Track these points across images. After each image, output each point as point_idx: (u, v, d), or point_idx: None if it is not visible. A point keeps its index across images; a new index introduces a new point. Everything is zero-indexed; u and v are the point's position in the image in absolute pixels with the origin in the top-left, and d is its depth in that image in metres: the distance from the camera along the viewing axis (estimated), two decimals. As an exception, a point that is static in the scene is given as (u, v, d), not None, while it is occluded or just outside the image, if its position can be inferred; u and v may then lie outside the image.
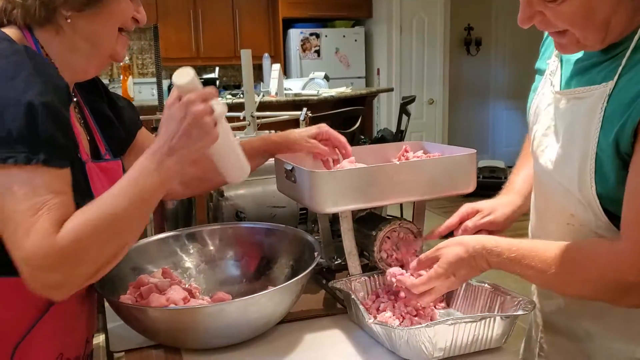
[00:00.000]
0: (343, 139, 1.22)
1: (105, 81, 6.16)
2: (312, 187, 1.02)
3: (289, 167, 1.11)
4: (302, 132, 1.21)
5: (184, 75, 0.85)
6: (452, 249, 0.96)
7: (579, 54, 0.96)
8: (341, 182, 1.02)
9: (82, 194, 0.86)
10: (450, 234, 1.12)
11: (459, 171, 1.09)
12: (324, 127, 1.22)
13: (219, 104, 0.88)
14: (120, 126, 1.09)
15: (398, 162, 1.09)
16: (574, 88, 0.93)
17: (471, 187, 1.10)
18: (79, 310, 0.97)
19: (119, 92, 3.99)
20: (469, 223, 1.12)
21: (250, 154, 1.09)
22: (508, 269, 0.93)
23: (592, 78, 0.91)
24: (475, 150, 1.10)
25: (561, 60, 1.01)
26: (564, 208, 0.96)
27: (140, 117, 1.20)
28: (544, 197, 1.03)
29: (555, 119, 0.97)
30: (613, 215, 0.88)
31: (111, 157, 1.03)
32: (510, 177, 1.22)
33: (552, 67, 1.02)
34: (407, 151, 1.23)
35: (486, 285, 1.04)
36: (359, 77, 6.60)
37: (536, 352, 1.11)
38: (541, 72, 1.07)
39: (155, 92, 6.40)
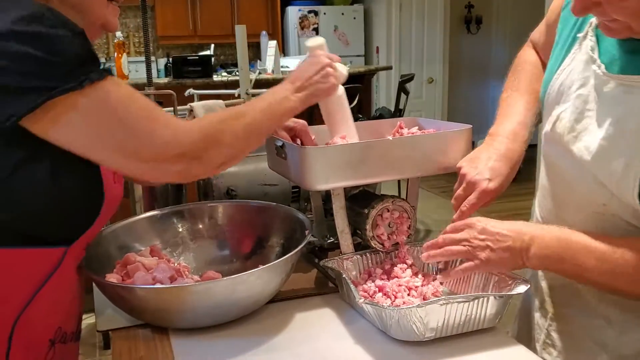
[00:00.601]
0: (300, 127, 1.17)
1: (102, 59, 6.11)
2: (303, 163, 1.00)
3: (279, 144, 1.08)
4: None
5: (315, 40, 1.09)
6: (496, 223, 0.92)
7: None
8: (332, 159, 1.00)
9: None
10: None
11: (453, 147, 1.06)
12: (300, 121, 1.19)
13: (342, 67, 1.08)
14: None
15: (391, 138, 1.06)
16: (630, 75, 0.85)
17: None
18: (75, 284, 0.95)
19: (114, 70, 3.95)
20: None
21: None
22: (555, 264, 0.88)
23: None
24: (471, 126, 1.07)
25: (597, 35, 0.92)
26: (593, 198, 0.90)
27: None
28: (567, 184, 0.96)
29: (597, 104, 0.88)
30: None
31: None
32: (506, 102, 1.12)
33: (589, 42, 0.92)
34: (401, 127, 1.20)
35: (480, 264, 1.02)
36: (358, 56, 6.54)
37: (540, 338, 1.07)
38: (565, 42, 0.98)
39: (152, 70, 6.34)
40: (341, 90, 1.10)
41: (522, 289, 0.92)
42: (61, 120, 0.78)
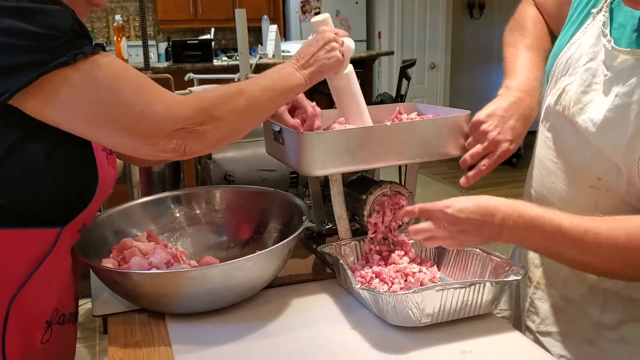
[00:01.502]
0: (311, 110, 1.10)
1: (103, 42, 6.07)
2: (300, 149, 0.99)
3: (277, 129, 1.07)
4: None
5: (321, 16, 1.07)
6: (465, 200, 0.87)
7: None
8: (330, 144, 0.99)
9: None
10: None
11: (452, 133, 1.05)
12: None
13: (349, 41, 1.05)
14: None
15: (389, 124, 1.05)
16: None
17: (465, 150, 1.06)
18: (70, 265, 0.95)
19: (113, 54, 3.92)
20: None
21: None
22: (527, 240, 0.85)
23: None
24: (470, 112, 1.06)
25: (611, 11, 0.92)
26: (589, 170, 0.91)
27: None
28: (564, 157, 0.96)
29: (605, 78, 0.89)
30: None
31: None
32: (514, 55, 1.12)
33: (602, 17, 0.92)
34: (400, 113, 1.19)
35: (477, 250, 1.02)
36: (360, 41, 6.48)
37: (525, 306, 1.09)
38: (579, 15, 0.98)
39: (152, 54, 6.30)
40: (349, 68, 1.07)
41: (518, 274, 0.92)
42: (56, 97, 0.77)
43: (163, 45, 6.06)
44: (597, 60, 0.91)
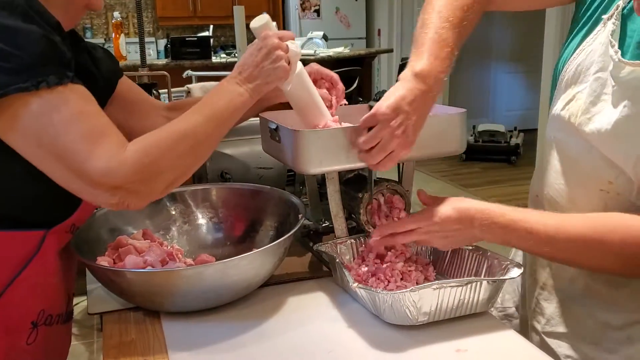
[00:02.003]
0: (335, 75, 1.15)
1: (101, 40, 6.07)
2: (296, 147, 0.98)
3: (273, 126, 1.07)
4: None
5: (259, 20, 0.97)
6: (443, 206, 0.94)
7: None
8: (326, 142, 0.98)
9: None
10: None
11: (447, 131, 1.05)
12: (314, 66, 1.15)
13: (294, 45, 0.98)
14: (98, 79, 1.05)
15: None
16: None
17: (460, 148, 1.06)
18: (59, 266, 0.95)
19: (112, 51, 3.92)
20: None
21: None
22: (502, 236, 0.90)
23: None
24: (465, 110, 1.05)
25: (622, 19, 0.90)
26: (599, 175, 0.91)
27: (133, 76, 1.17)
28: (573, 162, 0.96)
29: (613, 89, 0.88)
30: None
31: None
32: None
33: (612, 26, 0.90)
34: (397, 111, 1.18)
35: (474, 249, 1.02)
36: (360, 38, 6.49)
37: (531, 306, 1.09)
38: (588, 20, 0.96)
39: (151, 51, 6.29)
40: (299, 67, 1.01)
41: (515, 273, 0.92)
42: (17, 121, 0.75)
43: (162, 42, 6.06)
44: (606, 71, 0.89)
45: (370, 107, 0.93)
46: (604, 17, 0.92)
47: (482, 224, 0.90)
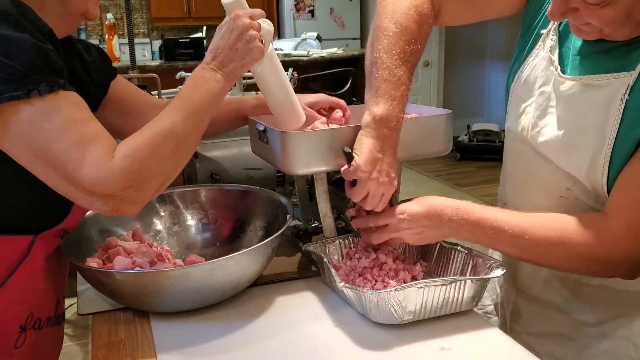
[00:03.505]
0: (342, 102, 1.17)
1: (95, 41, 6.06)
2: (284, 148, 0.99)
3: (261, 128, 1.08)
4: (300, 98, 1.13)
5: None
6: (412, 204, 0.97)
7: None
8: (313, 143, 0.99)
9: None
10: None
11: (433, 132, 1.06)
12: (321, 95, 1.17)
13: (266, 23, 0.94)
14: (89, 83, 1.06)
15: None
16: (586, 75, 0.87)
17: (446, 149, 1.07)
18: (47, 270, 0.95)
19: (105, 49, 3.91)
20: None
21: (228, 117, 1.16)
22: (465, 233, 0.94)
23: (604, 65, 0.86)
24: (451, 111, 1.07)
25: (559, 35, 0.94)
26: (558, 183, 0.93)
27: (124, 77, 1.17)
28: (530, 170, 0.99)
29: (557, 103, 0.91)
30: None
31: None
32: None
33: (550, 41, 0.94)
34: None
35: (459, 248, 1.03)
36: (354, 39, 6.49)
37: (509, 307, 1.11)
38: (530, 34, 0.99)
39: (146, 52, 6.27)
40: (270, 47, 0.97)
41: (498, 272, 0.93)
42: (7, 128, 0.76)
43: (157, 43, 6.05)
44: (549, 85, 0.93)
45: (344, 153, 0.95)
46: (543, 32, 0.96)
47: (451, 219, 0.93)
